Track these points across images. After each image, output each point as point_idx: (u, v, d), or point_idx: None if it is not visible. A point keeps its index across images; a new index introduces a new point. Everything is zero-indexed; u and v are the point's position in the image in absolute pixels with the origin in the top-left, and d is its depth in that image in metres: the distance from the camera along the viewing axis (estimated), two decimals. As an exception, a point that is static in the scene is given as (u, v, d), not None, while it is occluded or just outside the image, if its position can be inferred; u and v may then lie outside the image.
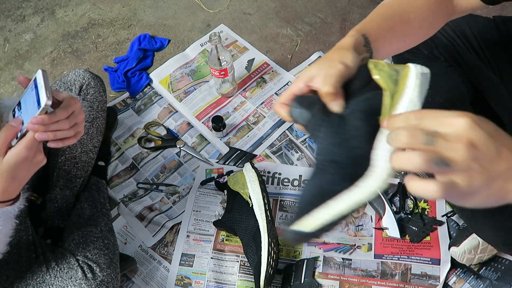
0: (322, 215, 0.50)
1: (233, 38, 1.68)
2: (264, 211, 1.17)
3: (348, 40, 0.60)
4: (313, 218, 0.50)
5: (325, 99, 0.54)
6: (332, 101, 0.54)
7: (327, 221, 0.49)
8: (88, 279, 0.99)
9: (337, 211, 0.49)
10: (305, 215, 0.50)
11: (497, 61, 1.04)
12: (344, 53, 0.57)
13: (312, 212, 0.50)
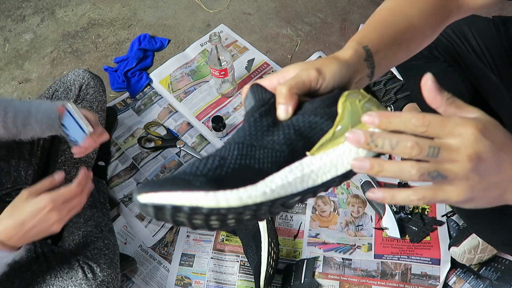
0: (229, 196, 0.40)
1: (233, 38, 1.68)
2: (264, 211, 1.17)
3: (346, 52, 0.53)
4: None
5: (277, 99, 0.48)
6: (279, 104, 0.47)
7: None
8: (88, 279, 0.99)
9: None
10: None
11: (496, 61, 1.04)
12: (330, 62, 0.50)
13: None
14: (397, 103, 1.36)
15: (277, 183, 0.42)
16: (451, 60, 1.10)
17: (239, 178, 0.41)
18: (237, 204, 0.39)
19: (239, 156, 0.43)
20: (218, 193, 0.39)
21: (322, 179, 0.44)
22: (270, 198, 0.41)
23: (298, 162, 0.44)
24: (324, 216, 1.27)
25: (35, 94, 1.60)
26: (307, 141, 0.45)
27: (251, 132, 0.45)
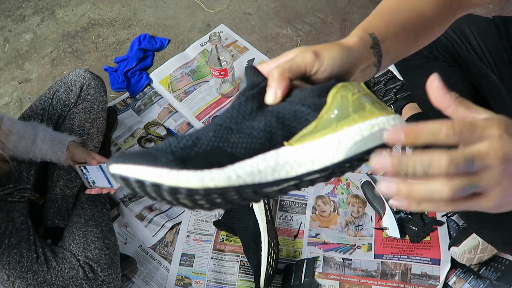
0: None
1: (233, 38, 1.68)
2: (264, 211, 1.17)
3: (350, 39, 0.50)
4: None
5: (268, 82, 0.46)
6: (269, 87, 0.45)
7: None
8: (89, 279, 0.99)
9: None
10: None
11: (496, 61, 1.04)
12: (331, 47, 0.47)
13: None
14: (397, 103, 1.36)
15: (246, 170, 0.40)
16: (451, 60, 1.10)
17: (208, 160, 0.40)
18: (197, 185, 0.38)
19: (213, 138, 0.42)
20: (181, 172, 0.38)
21: (296, 172, 0.42)
22: (234, 184, 0.40)
23: (274, 151, 0.42)
24: (324, 216, 1.27)
25: (35, 94, 1.60)
26: (288, 131, 0.43)
27: (232, 115, 0.44)
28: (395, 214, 1.23)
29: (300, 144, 0.42)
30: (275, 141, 0.42)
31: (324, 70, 0.46)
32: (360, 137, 0.42)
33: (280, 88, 0.45)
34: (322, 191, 1.31)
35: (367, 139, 0.42)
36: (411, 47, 0.58)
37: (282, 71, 0.45)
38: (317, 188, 1.31)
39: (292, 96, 0.45)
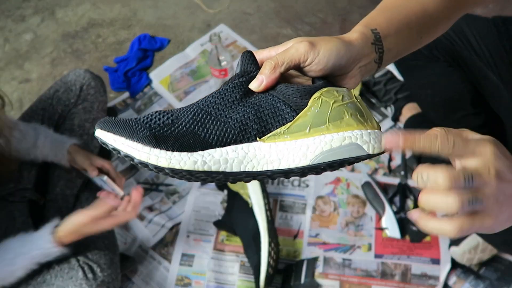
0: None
1: (233, 38, 1.68)
2: (264, 211, 1.17)
3: (351, 34, 0.50)
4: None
5: (261, 70, 0.46)
6: (259, 74, 0.46)
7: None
8: (88, 279, 0.99)
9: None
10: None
11: (496, 61, 1.04)
12: (330, 40, 0.47)
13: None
14: (397, 103, 1.36)
15: (214, 157, 0.42)
16: (451, 60, 1.10)
17: (181, 142, 0.42)
18: (164, 164, 0.41)
19: (191, 121, 0.43)
20: (153, 150, 0.41)
21: (262, 167, 0.43)
22: (199, 169, 0.42)
23: (246, 144, 0.43)
24: (324, 216, 1.27)
25: (35, 94, 1.60)
26: (263, 126, 0.44)
27: (215, 101, 0.45)
28: (395, 214, 1.23)
29: (272, 142, 0.43)
30: (249, 134, 0.43)
31: (319, 61, 0.46)
32: (329, 147, 0.43)
33: (267, 80, 0.45)
34: (322, 191, 1.31)
35: (336, 150, 0.43)
36: (414, 45, 0.57)
37: (275, 64, 0.45)
38: (317, 188, 1.31)
39: (278, 90, 0.46)
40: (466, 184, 0.38)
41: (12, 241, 0.95)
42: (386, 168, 1.33)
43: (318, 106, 0.44)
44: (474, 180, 0.39)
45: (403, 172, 1.31)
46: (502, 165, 0.40)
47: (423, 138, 0.40)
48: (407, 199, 1.27)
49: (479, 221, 0.39)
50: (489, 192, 0.39)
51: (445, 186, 0.38)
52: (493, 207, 0.39)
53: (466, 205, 0.38)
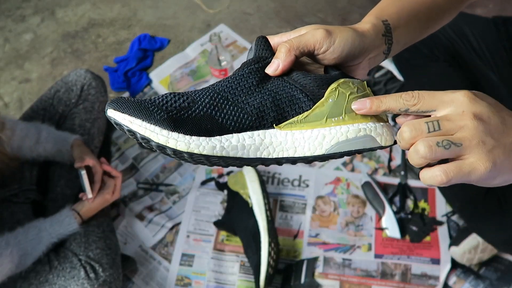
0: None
1: (233, 38, 1.68)
2: (264, 211, 1.17)
3: (363, 25, 0.50)
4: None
5: (275, 54, 0.46)
6: (274, 58, 0.46)
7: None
8: (90, 279, 1.00)
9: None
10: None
11: (497, 61, 1.04)
12: (345, 29, 0.47)
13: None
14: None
15: (232, 143, 0.43)
16: (452, 60, 1.10)
17: (199, 126, 0.42)
18: (183, 148, 0.41)
19: (208, 105, 0.43)
20: (171, 133, 0.41)
21: (278, 155, 0.44)
22: (217, 154, 0.42)
23: (262, 130, 0.44)
24: (324, 216, 1.27)
25: (35, 94, 1.60)
26: (280, 114, 0.44)
27: (231, 85, 0.45)
28: (395, 214, 1.23)
29: (289, 130, 0.44)
30: (265, 121, 0.44)
31: (334, 50, 0.46)
32: (344, 138, 0.44)
33: (283, 63, 0.45)
34: (322, 191, 1.31)
35: (351, 141, 0.44)
36: (420, 35, 0.58)
37: (290, 47, 0.45)
38: (317, 188, 1.31)
39: (294, 77, 0.46)
40: (430, 130, 0.39)
41: (34, 221, 1.02)
42: (386, 168, 1.33)
43: (335, 97, 0.45)
44: (440, 125, 0.39)
45: (403, 172, 1.31)
46: (481, 107, 0.39)
47: (388, 97, 0.41)
48: (407, 199, 1.27)
49: (467, 166, 0.38)
50: (467, 134, 0.38)
51: (410, 137, 0.39)
52: (478, 149, 0.38)
53: (436, 148, 0.38)
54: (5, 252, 0.93)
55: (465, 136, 0.38)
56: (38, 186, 1.16)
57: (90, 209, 1.08)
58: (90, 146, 1.22)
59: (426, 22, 0.57)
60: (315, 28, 0.47)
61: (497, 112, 0.39)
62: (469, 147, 0.38)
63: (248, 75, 0.45)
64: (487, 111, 0.39)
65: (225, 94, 0.44)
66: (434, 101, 0.40)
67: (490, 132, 0.38)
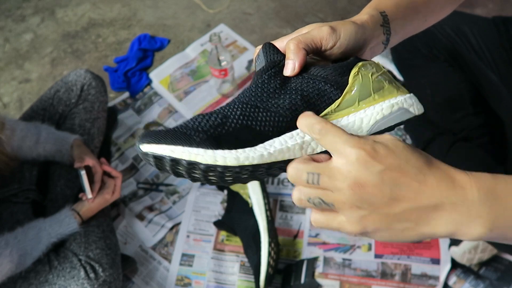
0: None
1: (233, 38, 1.68)
2: (264, 211, 1.17)
3: (362, 17, 0.50)
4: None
5: (286, 55, 0.47)
6: (287, 59, 0.46)
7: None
8: (90, 279, 1.00)
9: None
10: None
11: (496, 61, 1.04)
12: (346, 23, 0.48)
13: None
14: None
15: (276, 147, 0.42)
16: (451, 60, 1.10)
17: (239, 138, 0.42)
18: (233, 163, 0.40)
19: (241, 116, 0.43)
20: (217, 151, 0.40)
21: (322, 148, 0.44)
22: (267, 161, 0.42)
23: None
24: (324, 216, 1.27)
25: (35, 94, 1.60)
26: (312, 109, 0.44)
27: (256, 94, 0.45)
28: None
29: None
30: (292, 119, 0.44)
31: (340, 45, 0.47)
32: (381, 116, 0.45)
33: (298, 60, 0.45)
34: (322, 191, 1.31)
35: (388, 117, 0.45)
36: (419, 27, 0.58)
37: (298, 42, 0.46)
38: (317, 188, 1.31)
39: (313, 72, 0.46)
40: (309, 181, 0.38)
41: (34, 221, 1.02)
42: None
43: (360, 80, 0.45)
44: (320, 180, 0.37)
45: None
46: (368, 175, 0.36)
47: (306, 119, 0.41)
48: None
49: (336, 223, 0.38)
50: (342, 198, 0.37)
51: (290, 179, 0.39)
52: (349, 213, 0.37)
53: (306, 203, 0.38)
54: (4, 252, 0.93)
55: (340, 199, 0.37)
56: (38, 186, 1.16)
57: (90, 209, 1.08)
58: (90, 146, 1.22)
59: (424, 14, 0.57)
60: (318, 26, 0.47)
61: (391, 178, 0.36)
62: (340, 209, 0.37)
63: (269, 80, 0.46)
64: (374, 179, 0.36)
65: (254, 102, 0.44)
66: (332, 146, 0.38)
67: (369, 201, 0.36)
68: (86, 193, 1.07)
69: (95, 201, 1.08)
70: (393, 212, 0.36)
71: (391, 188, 0.36)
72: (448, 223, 0.36)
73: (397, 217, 0.36)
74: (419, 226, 0.37)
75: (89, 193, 1.07)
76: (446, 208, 0.36)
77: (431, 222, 0.36)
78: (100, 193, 1.09)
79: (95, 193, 1.08)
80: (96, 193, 1.08)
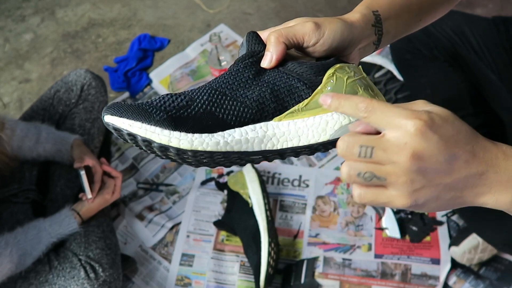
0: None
1: (233, 38, 1.68)
2: (264, 211, 1.17)
3: (352, 15, 0.49)
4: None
5: (267, 45, 0.46)
6: (266, 51, 0.45)
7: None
8: (90, 279, 1.00)
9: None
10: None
11: (496, 61, 1.04)
12: (333, 20, 0.46)
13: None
14: (397, 103, 1.36)
15: (234, 138, 0.42)
16: (451, 60, 1.10)
17: (200, 123, 0.42)
18: (186, 147, 0.41)
19: (207, 102, 0.43)
20: (173, 133, 0.41)
21: (282, 145, 0.44)
22: (221, 149, 0.42)
23: (264, 122, 0.44)
24: (324, 216, 1.27)
25: (35, 94, 1.60)
26: (280, 104, 0.44)
27: (228, 81, 0.45)
28: (395, 214, 1.23)
29: (291, 119, 0.44)
30: (267, 113, 0.44)
31: (324, 43, 0.46)
32: (347, 121, 0.44)
33: (276, 53, 0.45)
34: (322, 191, 1.31)
35: None
36: (412, 27, 0.57)
37: (278, 35, 0.45)
38: (317, 188, 1.31)
39: (290, 67, 0.46)
40: (361, 155, 0.36)
41: (34, 221, 1.02)
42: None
43: (333, 83, 0.45)
44: (373, 154, 0.36)
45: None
46: (426, 144, 0.35)
47: (348, 101, 0.39)
48: (407, 199, 1.27)
49: (384, 197, 0.37)
50: (397, 171, 0.36)
51: (340, 154, 0.38)
52: (402, 187, 0.36)
53: (355, 178, 0.37)
54: (4, 252, 0.93)
55: (394, 172, 0.36)
56: (38, 186, 1.16)
57: (90, 209, 1.08)
58: (90, 146, 1.22)
59: (418, 14, 0.56)
60: (304, 20, 0.47)
61: (446, 149, 0.36)
62: (393, 183, 0.36)
63: (244, 69, 0.45)
64: (432, 149, 0.35)
65: (223, 90, 0.44)
66: (383, 121, 0.37)
67: (425, 172, 0.36)
68: (86, 193, 1.07)
69: (95, 201, 1.08)
70: (444, 183, 0.37)
71: (446, 159, 0.36)
72: (489, 190, 0.38)
73: (447, 187, 0.37)
74: (464, 193, 0.38)
75: (89, 193, 1.07)
76: (490, 175, 0.37)
77: (475, 189, 0.38)
78: (100, 193, 1.09)
79: (95, 193, 1.08)
80: (96, 193, 1.08)
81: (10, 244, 0.95)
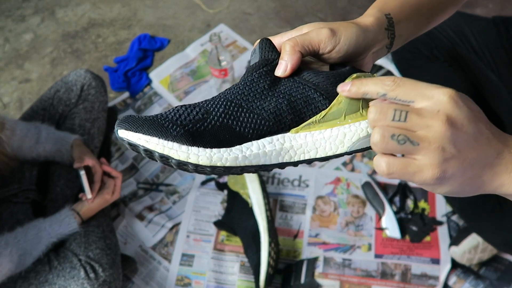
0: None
1: (233, 38, 1.68)
2: (264, 211, 1.17)
3: (366, 19, 0.48)
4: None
5: (281, 55, 0.45)
6: (281, 59, 0.44)
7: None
8: (90, 279, 1.00)
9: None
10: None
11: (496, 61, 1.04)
12: (348, 26, 0.46)
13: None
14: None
15: (253, 151, 0.42)
16: (451, 60, 1.10)
17: (217, 137, 0.41)
18: (205, 163, 0.40)
19: (223, 114, 0.42)
20: (191, 148, 0.40)
21: (299, 157, 0.43)
22: (240, 164, 0.41)
23: (281, 135, 0.43)
24: (324, 216, 1.27)
25: (35, 94, 1.60)
26: (297, 116, 0.43)
27: (243, 92, 0.44)
28: (395, 214, 1.23)
29: (308, 131, 0.43)
30: (284, 125, 0.43)
31: (340, 49, 0.46)
32: (366, 133, 0.43)
33: (291, 62, 0.44)
34: (322, 191, 1.31)
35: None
36: (422, 29, 0.57)
37: (294, 44, 0.44)
38: (317, 188, 1.31)
39: (306, 77, 0.45)
40: (395, 118, 0.36)
41: (34, 221, 1.02)
42: (386, 168, 1.33)
43: None
44: (408, 117, 0.36)
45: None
46: (459, 112, 0.36)
47: (369, 80, 0.39)
48: (407, 199, 1.27)
49: (414, 167, 0.36)
50: (430, 136, 0.36)
51: (372, 119, 0.37)
52: (433, 154, 0.36)
53: (388, 140, 0.36)
54: (4, 252, 0.93)
55: (427, 136, 0.36)
56: (38, 186, 1.16)
57: (90, 209, 1.08)
58: (90, 146, 1.22)
59: (428, 15, 0.56)
60: (318, 26, 0.46)
61: (474, 122, 0.36)
62: (425, 149, 0.36)
63: (259, 79, 0.44)
64: (464, 118, 0.36)
65: (239, 101, 0.43)
66: (413, 92, 0.37)
67: (456, 141, 0.36)
68: (86, 193, 1.07)
69: (95, 201, 1.08)
70: (470, 157, 0.37)
71: (474, 132, 0.36)
72: (506, 170, 0.38)
73: (471, 162, 0.37)
74: (484, 172, 0.38)
75: (89, 193, 1.07)
76: (505, 155, 0.38)
77: (493, 169, 0.38)
78: (100, 193, 1.09)
79: (95, 193, 1.08)
80: (96, 193, 1.08)
81: (10, 244, 0.95)
